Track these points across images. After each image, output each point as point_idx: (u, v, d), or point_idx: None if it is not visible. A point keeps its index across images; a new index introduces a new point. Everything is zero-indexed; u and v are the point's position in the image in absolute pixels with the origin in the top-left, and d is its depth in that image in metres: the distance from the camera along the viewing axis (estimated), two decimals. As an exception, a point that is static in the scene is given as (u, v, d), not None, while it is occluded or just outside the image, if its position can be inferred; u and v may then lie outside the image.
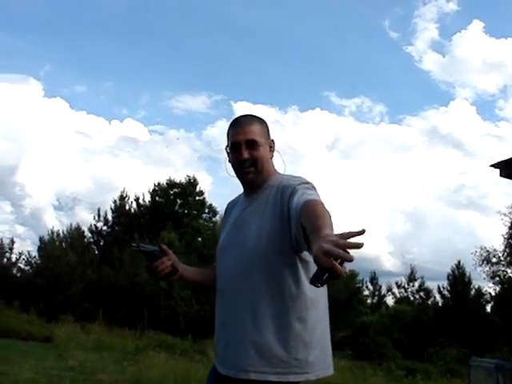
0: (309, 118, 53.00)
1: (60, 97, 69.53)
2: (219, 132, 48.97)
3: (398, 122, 67.34)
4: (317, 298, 2.24)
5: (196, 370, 11.28)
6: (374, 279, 31.78)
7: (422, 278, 28.97)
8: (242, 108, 54.79)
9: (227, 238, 2.44)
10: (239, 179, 2.43)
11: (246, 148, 2.32)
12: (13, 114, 48.03)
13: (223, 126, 51.06)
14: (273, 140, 2.42)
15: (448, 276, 27.72)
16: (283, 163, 2.50)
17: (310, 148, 52.37)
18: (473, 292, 27.58)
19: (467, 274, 27.46)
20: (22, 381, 9.24)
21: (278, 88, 54.88)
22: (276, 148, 2.45)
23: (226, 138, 2.42)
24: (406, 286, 28.94)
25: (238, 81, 55.89)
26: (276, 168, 2.45)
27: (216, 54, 55.20)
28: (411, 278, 28.87)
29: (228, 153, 2.41)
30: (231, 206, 2.59)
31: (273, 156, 2.41)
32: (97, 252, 28.66)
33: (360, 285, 29.26)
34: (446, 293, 27.59)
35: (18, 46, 51.54)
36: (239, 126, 2.37)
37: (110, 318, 21.36)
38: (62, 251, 25.80)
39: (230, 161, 2.42)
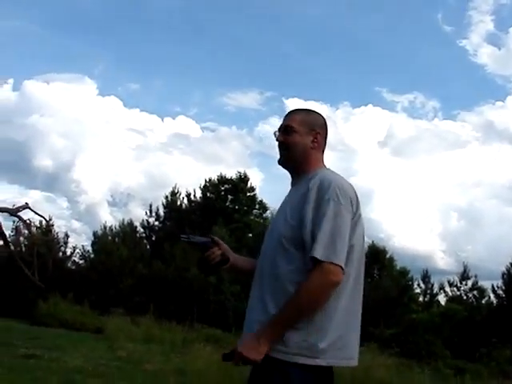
0: (361, 114, 52.46)
1: (114, 95, 71.12)
2: (271, 129, 48.67)
3: (452, 117, 66.28)
4: (339, 289, 2.25)
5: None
6: (426, 277, 31.24)
7: (475, 276, 28.37)
8: (293, 104, 54.77)
9: (270, 223, 2.66)
10: (279, 160, 2.59)
11: (283, 133, 2.51)
12: (69, 112, 49.31)
13: (275, 122, 51.05)
14: (319, 132, 2.51)
15: (503, 275, 27.02)
16: None
17: (362, 144, 51.95)
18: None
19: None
20: (70, 367, 9.55)
21: (329, 84, 54.55)
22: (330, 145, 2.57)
23: None
24: (459, 284, 28.38)
25: (289, 77, 55.78)
26: (322, 162, 2.54)
27: (267, 51, 55.37)
28: (464, 276, 28.27)
29: None
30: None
31: (315, 147, 2.50)
32: (148, 247, 29.15)
33: (411, 282, 28.84)
34: (500, 292, 26.94)
35: (72, 46, 52.88)
36: (287, 115, 2.57)
37: (159, 311, 21.70)
38: (115, 246, 26.36)
39: None
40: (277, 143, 2.55)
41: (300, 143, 2.48)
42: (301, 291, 2.17)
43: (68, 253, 28.29)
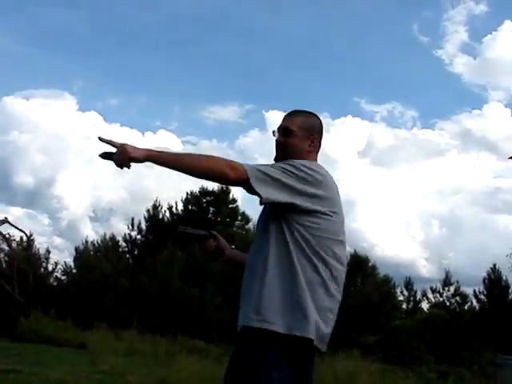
0: (340, 124, 52.67)
1: (94, 110, 70.72)
2: (252, 141, 49.23)
3: (431, 126, 66.81)
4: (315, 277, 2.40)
5: (223, 372, 11.37)
6: (408, 284, 31.39)
7: (457, 282, 28.54)
8: (273, 117, 54.92)
9: None
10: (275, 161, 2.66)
11: (282, 134, 2.59)
12: (49, 128, 49.02)
13: (256, 135, 51.19)
14: (316, 137, 2.60)
15: (484, 280, 27.28)
16: None
17: (342, 155, 51.99)
18: (511, 296, 27.11)
19: (504, 278, 27.01)
20: (52, 380, 9.50)
21: (308, 96, 54.54)
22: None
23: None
24: (441, 290, 28.56)
25: (268, 90, 55.89)
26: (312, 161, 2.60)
27: (245, 64, 55.30)
28: (446, 282, 28.45)
29: None
30: None
31: (311, 151, 2.59)
32: (131, 261, 29.03)
33: (393, 290, 28.94)
34: (482, 297, 27.17)
35: (51, 61, 52.48)
36: (286, 115, 2.66)
37: (143, 324, 21.59)
38: (97, 260, 26.22)
39: None
40: (274, 142, 2.63)
41: (298, 146, 2.56)
42: (208, 156, 2.36)
43: (50, 269, 28.06)
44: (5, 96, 63.38)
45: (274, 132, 2.64)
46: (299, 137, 2.56)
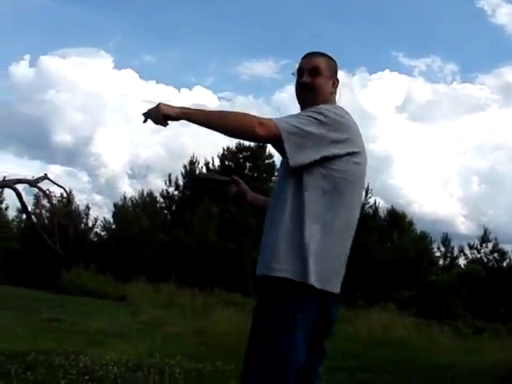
0: (378, 79, 51.96)
1: (130, 68, 71.04)
2: (288, 97, 48.75)
3: (471, 80, 65.15)
4: (330, 219, 2.35)
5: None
6: (446, 240, 31.25)
7: (495, 239, 28.30)
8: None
9: None
10: (299, 104, 2.60)
11: (309, 75, 2.51)
12: (86, 86, 49.40)
13: (292, 90, 50.60)
14: (337, 79, 2.57)
15: (523, 237, 27.08)
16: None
17: (379, 110, 51.38)
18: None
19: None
20: (91, 330, 9.79)
21: (345, 50, 53.72)
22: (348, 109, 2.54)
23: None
24: (479, 247, 28.34)
25: (304, 44, 55.11)
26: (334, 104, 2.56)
27: (281, 18, 54.62)
28: (484, 239, 28.22)
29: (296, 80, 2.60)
30: None
31: (333, 92, 2.56)
32: (168, 216, 29.41)
33: (430, 246, 28.83)
34: (520, 254, 26.92)
35: (87, 19, 52.71)
36: (308, 56, 2.57)
37: (181, 278, 22.00)
38: (135, 216, 26.65)
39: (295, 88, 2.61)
40: (296, 87, 2.58)
41: (324, 87, 2.53)
42: (240, 113, 2.35)
43: (90, 224, 28.70)
44: (41, 55, 64.17)
45: (294, 73, 2.58)
46: (325, 77, 2.52)
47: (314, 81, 2.50)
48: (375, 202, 27.68)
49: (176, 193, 30.69)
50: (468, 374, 7.71)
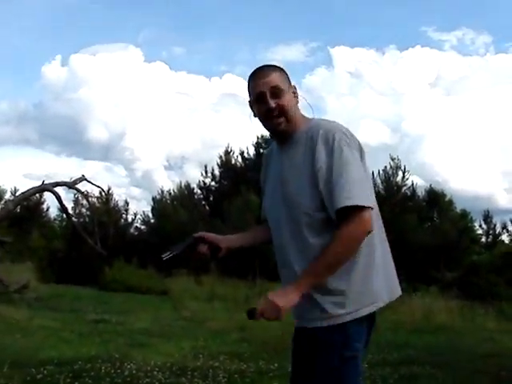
0: (409, 56, 51.21)
1: (160, 60, 71.47)
2: (319, 80, 48.58)
3: (505, 50, 63.67)
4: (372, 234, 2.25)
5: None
6: (487, 217, 30.80)
7: (539, 213, 27.79)
8: (339, 53, 53.93)
9: (272, 195, 2.45)
10: (270, 132, 2.40)
11: (271, 97, 2.25)
12: (117, 81, 49.93)
13: (322, 73, 50.46)
14: (295, 86, 2.35)
15: None
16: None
17: (411, 87, 50.66)
18: None
19: None
20: (136, 330, 9.98)
21: (373, 28, 53.20)
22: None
23: (247, 94, 2.36)
24: (523, 222, 27.91)
25: (332, 25, 54.72)
26: (303, 113, 2.38)
27: (307, 0, 54.20)
28: (528, 214, 27.77)
29: (252, 108, 2.37)
30: (269, 155, 2.57)
31: (298, 102, 2.34)
32: (207, 207, 29.57)
33: (471, 224, 28.42)
34: None
35: (114, 15, 53.19)
36: (259, 76, 2.29)
37: (221, 269, 22.16)
38: (173, 209, 26.86)
39: (255, 115, 2.37)
40: (260, 114, 2.32)
41: (291, 103, 2.30)
42: (336, 241, 2.10)
43: (129, 219, 29.03)
44: (72, 54, 64.92)
45: (252, 105, 2.35)
46: (288, 92, 2.28)
47: (280, 103, 2.25)
48: (412, 183, 27.37)
49: (213, 183, 30.85)
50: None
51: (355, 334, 2.21)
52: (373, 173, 23.82)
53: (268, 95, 2.24)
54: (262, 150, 31.95)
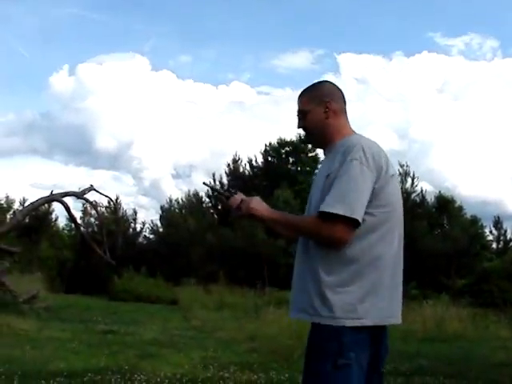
0: (415, 62, 51.20)
1: (166, 69, 71.77)
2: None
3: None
4: (379, 250, 2.34)
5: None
6: (498, 223, 30.56)
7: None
8: (346, 59, 53.94)
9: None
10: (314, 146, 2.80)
11: (300, 119, 2.58)
12: (124, 90, 50.10)
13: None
14: (329, 101, 2.51)
15: None
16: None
17: (419, 93, 50.55)
18: None
19: None
20: (146, 340, 9.92)
21: (380, 35, 53.16)
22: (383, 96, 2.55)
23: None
24: (533, 228, 27.66)
25: (338, 32, 54.74)
26: (346, 127, 2.54)
27: (313, 6, 54.26)
28: (538, 219, 27.55)
29: None
30: None
31: (330, 116, 2.51)
32: (215, 216, 29.52)
33: (482, 230, 28.21)
34: None
35: (120, 24, 53.45)
36: (297, 100, 2.62)
37: (230, 278, 22.11)
38: (182, 218, 26.84)
39: None
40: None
41: (315, 120, 2.52)
42: (310, 223, 2.34)
43: (138, 228, 29.01)
44: (79, 63, 65.29)
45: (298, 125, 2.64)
46: (312, 111, 2.52)
47: (304, 124, 2.56)
48: (422, 190, 27.22)
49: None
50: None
51: (351, 343, 2.26)
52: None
53: (298, 118, 2.60)
54: (269, 158, 31.98)
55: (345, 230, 2.24)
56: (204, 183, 3.02)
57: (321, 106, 2.51)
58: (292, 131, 35.88)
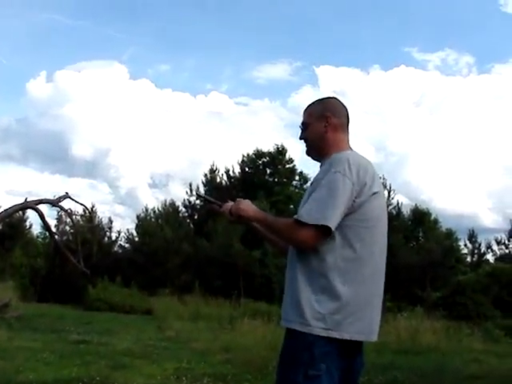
0: (393, 76, 51.83)
1: (145, 77, 71.68)
2: (305, 98, 48.81)
3: (488, 71, 64.53)
4: (357, 263, 2.36)
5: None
6: (472, 237, 30.90)
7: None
8: (325, 72, 54.38)
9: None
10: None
11: (302, 131, 2.68)
12: (102, 98, 49.90)
13: (308, 91, 50.77)
14: (330, 116, 2.59)
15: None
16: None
17: (396, 106, 51.12)
18: None
19: None
20: (119, 351, 9.81)
21: (358, 49, 53.77)
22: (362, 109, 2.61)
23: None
24: (507, 242, 27.96)
25: (317, 45, 55.23)
26: (343, 142, 2.60)
27: (292, 20, 54.73)
28: (512, 234, 27.83)
29: None
30: None
31: (328, 131, 2.59)
32: (192, 226, 29.37)
33: (456, 244, 28.49)
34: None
35: (100, 33, 53.31)
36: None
37: (206, 288, 22.01)
38: (158, 227, 26.67)
39: None
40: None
41: (314, 132, 2.61)
42: (286, 225, 2.40)
43: (113, 237, 28.75)
44: (57, 70, 64.91)
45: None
46: (313, 124, 2.62)
47: (304, 135, 2.66)
48: (398, 203, 27.46)
49: (198, 202, 30.74)
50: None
51: (322, 354, 2.28)
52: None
53: (301, 129, 2.70)
54: (246, 169, 31.96)
55: (311, 235, 2.29)
56: (197, 194, 3.01)
57: (322, 119, 2.60)
58: (269, 142, 35.89)
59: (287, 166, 32.03)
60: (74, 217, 14.51)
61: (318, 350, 2.28)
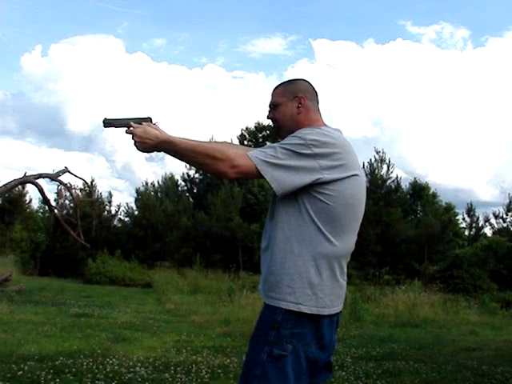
0: (388, 49, 51.54)
1: (141, 51, 71.18)
2: (301, 72, 48.55)
3: (483, 44, 64.18)
4: (324, 242, 2.29)
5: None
6: (470, 211, 30.96)
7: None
8: (321, 45, 54.02)
9: None
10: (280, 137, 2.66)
11: (271, 111, 2.60)
12: (98, 72, 49.62)
13: (305, 65, 50.54)
14: (303, 96, 2.53)
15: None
16: None
17: (391, 80, 50.89)
18: None
19: None
20: (119, 323, 9.90)
21: (352, 23, 53.41)
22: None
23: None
24: (505, 216, 27.97)
25: (312, 18, 54.83)
26: (317, 122, 2.52)
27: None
28: (510, 207, 27.82)
29: None
30: None
31: (301, 112, 2.52)
32: (191, 199, 29.44)
33: (455, 217, 28.57)
34: (548, 221, 26.53)
35: (94, 6, 52.83)
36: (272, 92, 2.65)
37: (205, 261, 22.15)
38: (158, 201, 26.71)
39: None
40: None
41: (286, 113, 2.54)
42: (210, 146, 2.36)
43: (113, 211, 28.82)
44: (52, 44, 64.51)
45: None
46: (284, 104, 2.54)
47: (274, 115, 2.58)
48: (397, 177, 27.49)
49: (197, 175, 30.77)
50: (496, 357, 7.66)
51: (290, 334, 2.25)
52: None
53: (269, 109, 2.61)
54: (246, 142, 31.94)
55: (238, 162, 2.23)
56: (104, 122, 2.61)
57: (294, 100, 2.53)
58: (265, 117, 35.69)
59: (287, 139, 32.01)
60: (73, 191, 14.54)
61: (285, 329, 2.26)
